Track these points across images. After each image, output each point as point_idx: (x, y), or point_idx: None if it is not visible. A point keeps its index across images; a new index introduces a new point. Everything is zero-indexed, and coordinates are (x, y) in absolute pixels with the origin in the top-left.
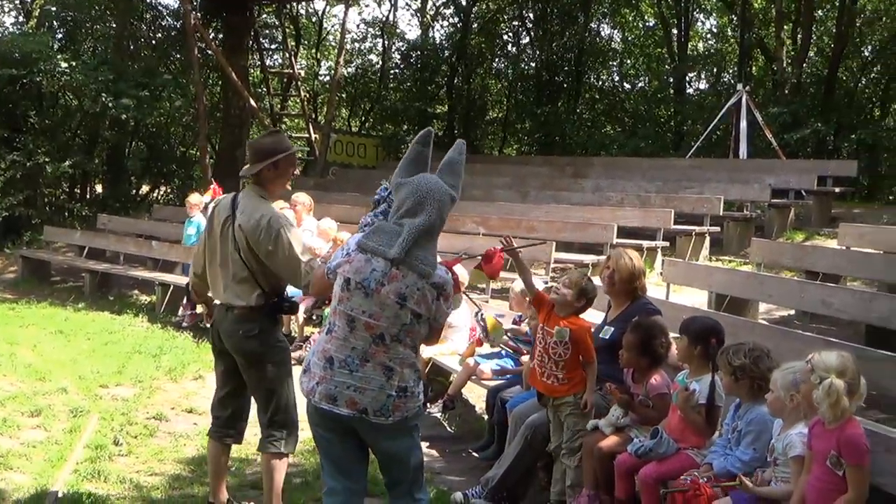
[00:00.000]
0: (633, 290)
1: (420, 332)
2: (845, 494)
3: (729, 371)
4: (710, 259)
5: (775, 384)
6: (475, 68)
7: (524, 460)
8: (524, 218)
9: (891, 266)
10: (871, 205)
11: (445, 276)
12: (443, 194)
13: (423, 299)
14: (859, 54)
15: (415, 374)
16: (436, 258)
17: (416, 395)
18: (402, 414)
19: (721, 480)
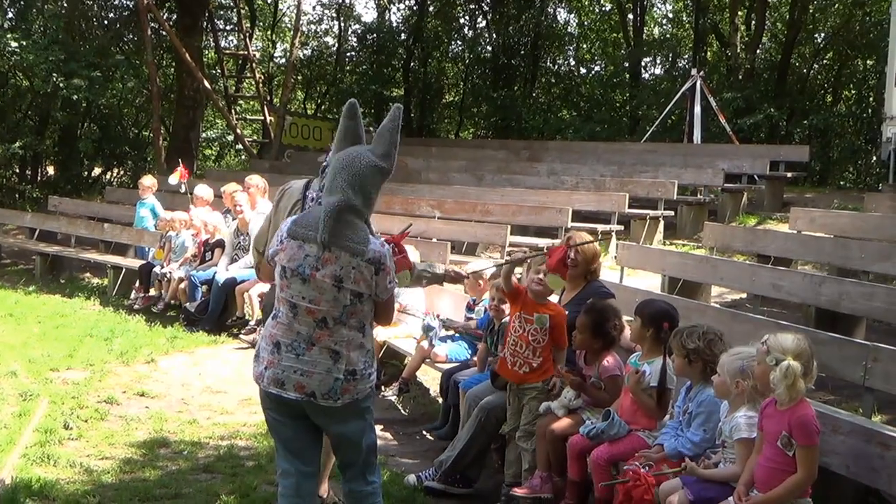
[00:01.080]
0: (590, 273)
1: (365, 311)
2: (795, 474)
3: (682, 353)
4: (664, 243)
5: (722, 368)
6: (432, 52)
7: (478, 442)
8: (480, 201)
9: (840, 250)
10: (823, 189)
11: (381, 249)
12: (362, 167)
13: (361, 277)
14: (812, 41)
15: (364, 355)
16: (367, 234)
17: (367, 377)
18: (351, 396)
19: (672, 462)
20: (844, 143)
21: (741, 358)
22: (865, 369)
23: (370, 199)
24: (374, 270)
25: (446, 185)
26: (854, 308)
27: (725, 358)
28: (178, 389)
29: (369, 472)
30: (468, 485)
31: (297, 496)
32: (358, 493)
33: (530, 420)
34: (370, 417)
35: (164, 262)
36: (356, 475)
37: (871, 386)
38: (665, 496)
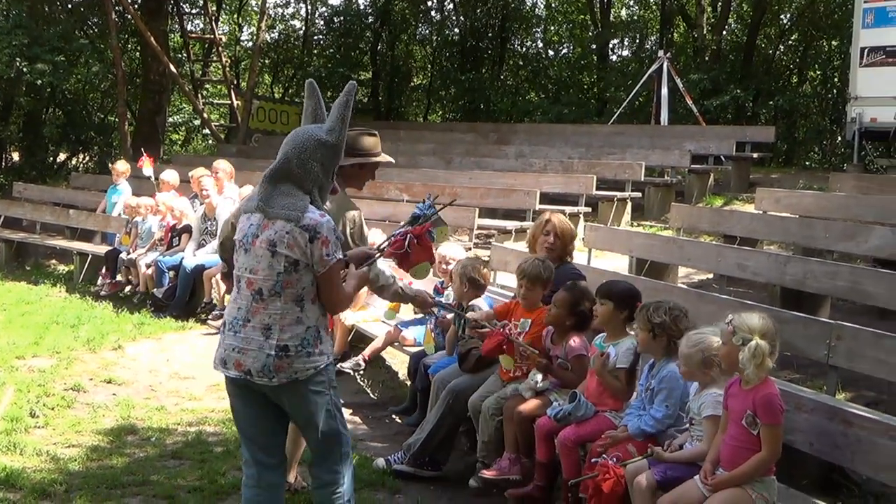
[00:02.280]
0: (567, 255)
1: (303, 283)
2: (759, 453)
3: (647, 328)
4: (631, 224)
5: (687, 360)
6: (399, 34)
7: (446, 425)
8: (448, 184)
9: (805, 230)
10: (788, 170)
11: (320, 219)
12: (303, 139)
13: (295, 243)
14: (777, 22)
15: (303, 331)
16: (306, 203)
17: (305, 356)
18: (287, 375)
19: (637, 442)
20: (810, 124)
21: (701, 350)
22: (829, 347)
23: (312, 172)
24: (308, 237)
25: (414, 169)
26: (818, 287)
27: (685, 349)
28: (145, 376)
29: (334, 461)
30: (437, 467)
31: (258, 486)
32: (317, 480)
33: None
34: (323, 402)
35: (131, 248)
36: (320, 462)
37: (835, 364)
38: (632, 478)
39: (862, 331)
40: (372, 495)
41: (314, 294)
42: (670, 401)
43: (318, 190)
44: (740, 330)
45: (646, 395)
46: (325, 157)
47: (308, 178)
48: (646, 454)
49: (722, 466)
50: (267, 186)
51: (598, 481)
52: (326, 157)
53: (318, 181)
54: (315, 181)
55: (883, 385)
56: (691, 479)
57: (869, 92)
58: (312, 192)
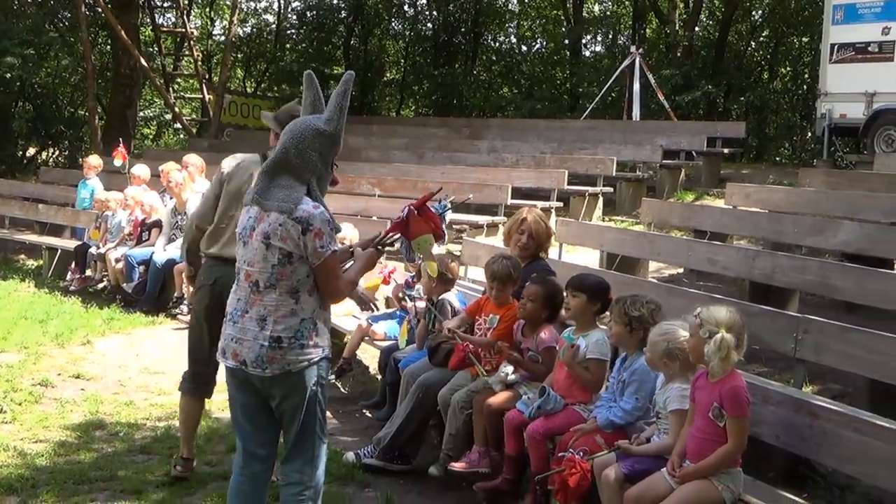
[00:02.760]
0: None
1: (298, 275)
2: (725, 445)
3: (624, 321)
4: (603, 219)
5: (651, 347)
6: (372, 29)
7: (416, 419)
8: (420, 179)
9: (775, 224)
10: (759, 165)
11: (313, 211)
12: (301, 129)
13: (288, 236)
14: (749, 18)
15: (298, 324)
16: (301, 195)
17: (298, 348)
18: (280, 367)
19: (606, 434)
20: (780, 120)
21: (667, 340)
22: (796, 341)
23: (310, 162)
24: (300, 230)
25: (387, 163)
26: (787, 281)
27: (653, 337)
28: (114, 371)
29: (303, 461)
30: (406, 461)
31: (243, 475)
32: (285, 477)
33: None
34: (310, 398)
35: (101, 243)
36: (287, 457)
37: (802, 357)
38: (600, 471)
39: (828, 324)
40: (341, 489)
41: (311, 286)
42: (641, 393)
43: (316, 180)
44: (707, 323)
45: (617, 387)
46: (323, 147)
47: (306, 169)
48: (613, 448)
49: (689, 458)
50: (264, 178)
51: (565, 476)
52: (325, 147)
53: (317, 171)
54: (313, 171)
55: (849, 378)
56: (658, 472)
57: (838, 88)
58: (310, 182)
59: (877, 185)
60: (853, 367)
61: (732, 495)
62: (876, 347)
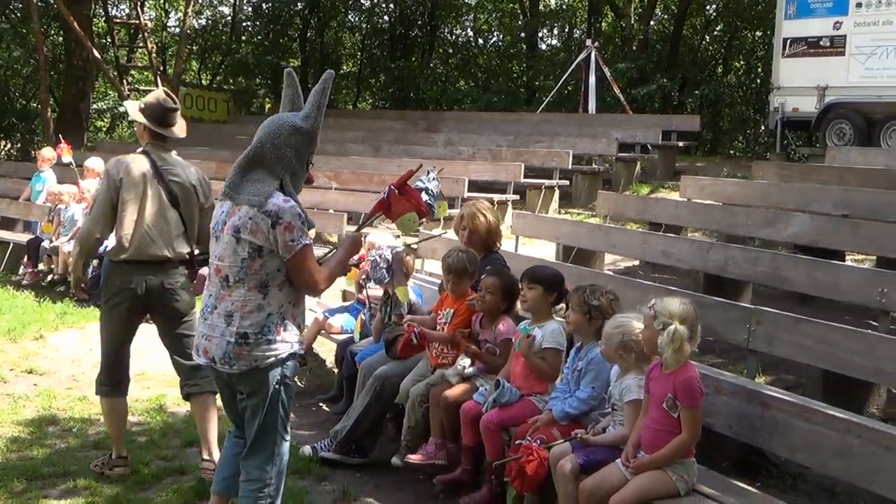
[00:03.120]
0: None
1: (268, 270)
2: (679, 436)
3: (583, 310)
4: (559, 212)
5: (606, 340)
6: (328, 21)
7: (373, 412)
8: (376, 172)
9: (728, 217)
10: (713, 158)
11: (283, 205)
12: (278, 125)
13: (257, 229)
14: (703, 12)
15: (264, 318)
16: (273, 189)
17: (266, 343)
18: (247, 363)
19: (562, 426)
20: (734, 113)
21: (622, 332)
22: (749, 332)
23: (285, 157)
24: (270, 223)
25: (343, 156)
26: (740, 273)
27: (608, 329)
28: (68, 366)
29: (262, 459)
30: (364, 455)
31: (231, 451)
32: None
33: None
34: (273, 395)
35: (54, 237)
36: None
37: (755, 348)
38: (556, 461)
39: (780, 315)
40: (298, 483)
41: (281, 280)
42: (597, 382)
43: (290, 176)
44: (661, 315)
45: (572, 376)
46: (299, 144)
47: (280, 164)
48: (570, 437)
49: (643, 449)
50: (237, 173)
51: (522, 463)
52: (301, 144)
53: (291, 167)
54: (287, 167)
55: (801, 368)
56: (613, 463)
57: (791, 82)
58: (284, 178)
59: (828, 177)
60: (805, 357)
61: (686, 485)
62: (827, 338)
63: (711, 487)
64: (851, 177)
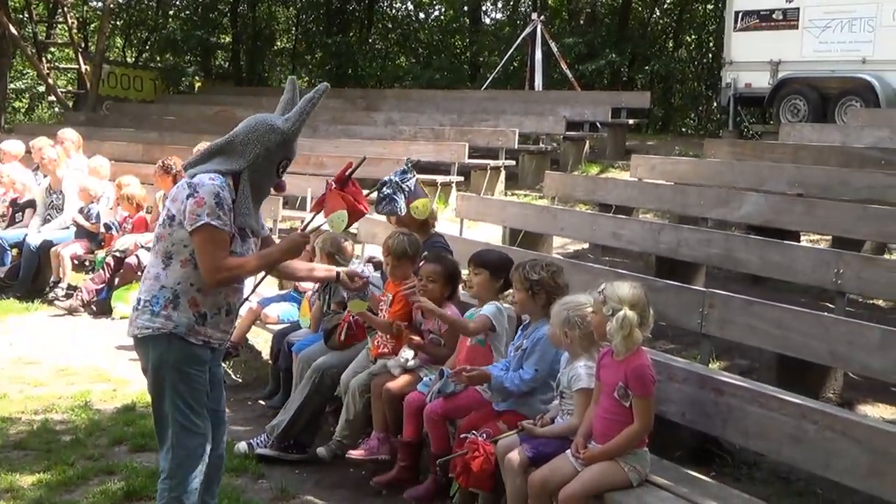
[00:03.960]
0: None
1: (173, 237)
2: (631, 425)
3: (525, 286)
4: (505, 193)
5: (552, 319)
6: None
7: (311, 405)
8: (313, 154)
9: (680, 197)
10: (664, 136)
11: (207, 181)
12: (256, 122)
13: (177, 197)
14: None
15: (157, 289)
16: (216, 170)
17: (149, 313)
18: (132, 330)
19: (508, 416)
20: (686, 90)
21: (567, 308)
22: (702, 316)
23: (251, 154)
24: (187, 194)
25: None
26: (693, 255)
27: (555, 308)
28: None
29: (164, 446)
30: (302, 450)
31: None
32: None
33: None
34: (158, 373)
35: None
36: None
37: (708, 332)
38: (503, 454)
39: (733, 298)
40: (233, 481)
41: (185, 257)
42: (541, 364)
43: (252, 173)
44: (610, 300)
45: (515, 355)
46: (271, 143)
47: (244, 156)
48: (517, 429)
49: (594, 439)
50: (203, 154)
51: (467, 459)
52: (273, 144)
53: (256, 164)
54: (252, 162)
55: (755, 353)
56: (563, 454)
57: (743, 57)
58: (242, 171)
59: (782, 155)
60: (759, 341)
61: (639, 476)
62: (781, 321)
63: (664, 478)
64: (806, 154)
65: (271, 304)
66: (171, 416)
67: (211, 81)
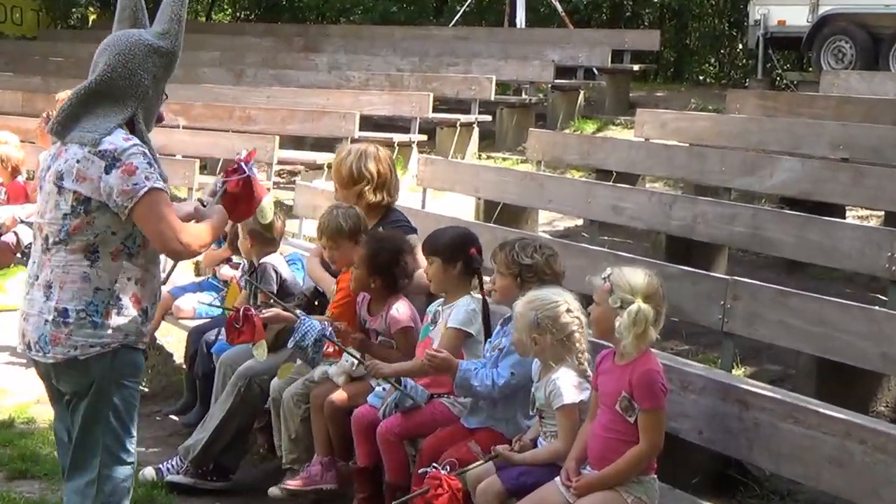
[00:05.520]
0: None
1: (95, 227)
2: (636, 446)
3: (513, 272)
4: (479, 156)
5: (516, 322)
6: None
7: (236, 420)
8: (238, 105)
9: (697, 162)
10: (678, 86)
11: (123, 144)
12: (130, 44)
13: (84, 174)
14: None
15: (90, 293)
16: (115, 126)
17: (89, 326)
18: (64, 350)
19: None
20: (704, 28)
21: (535, 308)
22: (724, 310)
23: (140, 86)
24: (104, 167)
25: (193, 84)
26: (712, 234)
27: (519, 307)
28: None
29: (87, 481)
30: (224, 476)
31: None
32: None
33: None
34: (103, 395)
35: None
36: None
37: (731, 331)
38: (475, 486)
39: (762, 288)
40: None
41: (117, 247)
42: (521, 367)
43: (143, 111)
44: (620, 289)
45: (491, 355)
46: (157, 69)
47: (134, 95)
48: (489, 456)
49: (590, 464)
50: (74, 105)
51: (429, 498)
52: (160, 69)
53: (147, 99)
54: (142, 98)
55: (789, 356)
56: (551, 483)
57: None
58: (136, 113)
59: (823, 110)
60: (795, 342)
61: None
62: (822, 316)
63: None
64: (853, 109)
65: (186, 294)
66: (102, 442)
67: (108, 13)
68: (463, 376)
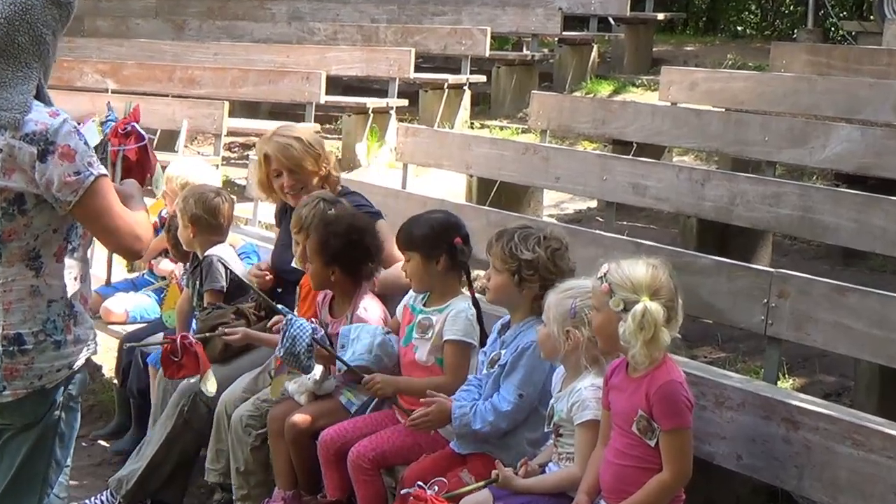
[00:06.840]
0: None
1: (34, 227)
2: (659, 475)
3: (510, 267)
4: (471, 125)
5: (548, 313)
6: None
7: (179, 446)
8: (179, 64)
9: (734, 130)
10: (711, 39)
11: (50, 120)
12: None
13: (14, 166)
14: None
15: (44, 309)
16: (28, 97)
17: (53, 348)
18: (26, 383)
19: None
20: None
21: (572, 296)
22: (767, 310)
23: (42, 44)
24: (36, 153)
25: (125, 39)
26: (753, 218)
27: (553, 297)
28: None
29: None
30: None
31: None
32: None
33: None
34: (52, 426)
35: None
36: None
37: (776, 335)
38: None
39: (814, 282)
40: None
41: (60, 245)
42: (529, 386)
43: (45, 69)
44: (620, 288)
45: (489, 371)
46: (57, 22)
47: (36, 55)
48: (488, 480)
49: (604, 497)
50: None
51: None
52: (60, 22)
53: (47, 59)
54: (44, 58)
55: (846, 365)
56: None
57: None
58: (40, 78)
59: (888, 67)
60: (853, 348)
61: None
62: (886, 317)
63: None
64: None
65: (116, 295)
66: (43, 476)
67: None
68: (461, 423)
